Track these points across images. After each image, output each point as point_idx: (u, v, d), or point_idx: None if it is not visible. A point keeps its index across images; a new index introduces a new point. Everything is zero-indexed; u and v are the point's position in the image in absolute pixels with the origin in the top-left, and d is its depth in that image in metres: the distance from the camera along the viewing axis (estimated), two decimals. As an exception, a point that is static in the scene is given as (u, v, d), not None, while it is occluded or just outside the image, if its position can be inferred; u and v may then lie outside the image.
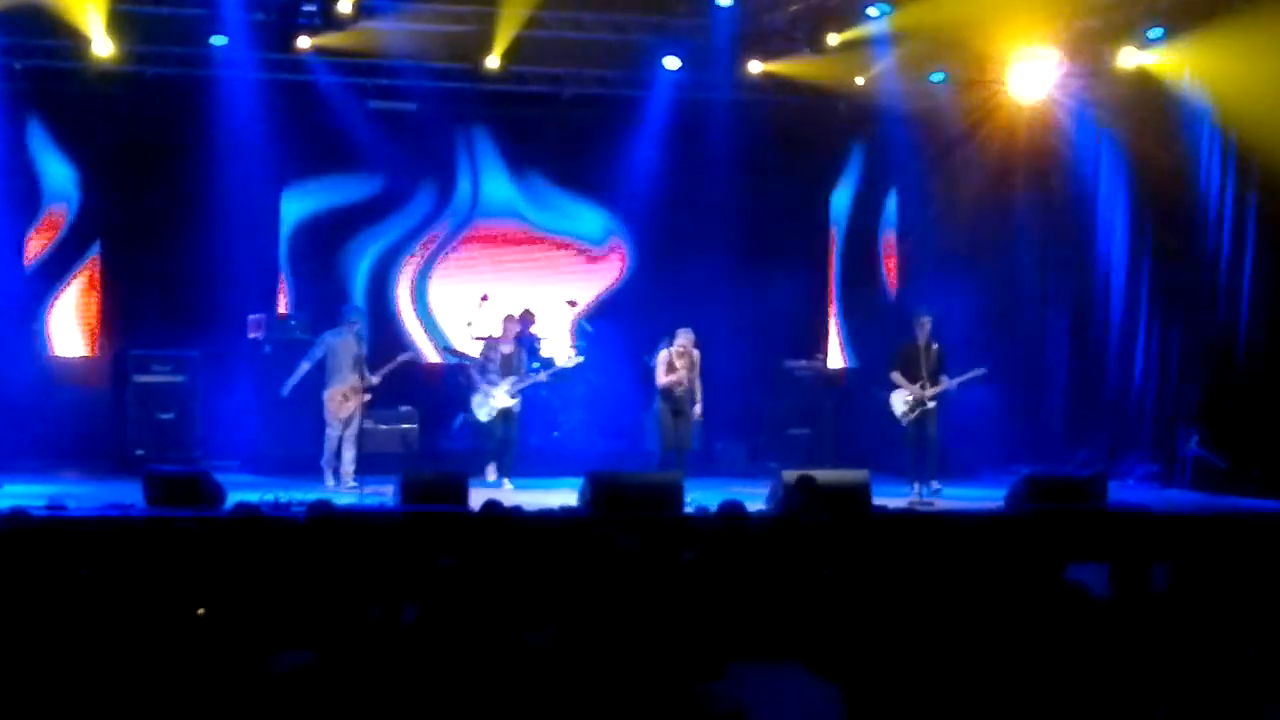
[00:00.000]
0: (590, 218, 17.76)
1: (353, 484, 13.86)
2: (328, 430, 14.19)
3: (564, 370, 15.64)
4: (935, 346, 14.24)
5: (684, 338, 13.92)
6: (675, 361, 13.90)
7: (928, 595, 6.78)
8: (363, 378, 14.20)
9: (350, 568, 7.26)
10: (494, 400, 14.55)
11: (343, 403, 14.15)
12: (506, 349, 14.73)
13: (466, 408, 15.02)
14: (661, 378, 13.88)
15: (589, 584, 6.58)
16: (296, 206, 16.93)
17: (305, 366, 14.33)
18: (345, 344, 14.20)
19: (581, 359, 16.16)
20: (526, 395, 15.16)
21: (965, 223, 17.43)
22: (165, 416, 15.26)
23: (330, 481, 14.03)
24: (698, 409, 13.95)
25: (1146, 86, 15.66)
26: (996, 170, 17.24)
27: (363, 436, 14.51)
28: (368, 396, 14.26)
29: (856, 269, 18.45)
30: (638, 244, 17.78)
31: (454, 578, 6.04)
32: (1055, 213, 17.38)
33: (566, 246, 17.79)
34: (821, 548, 7.85)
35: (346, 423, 14.15)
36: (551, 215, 17.69)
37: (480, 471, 14.19)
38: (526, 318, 15.95)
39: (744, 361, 16.64)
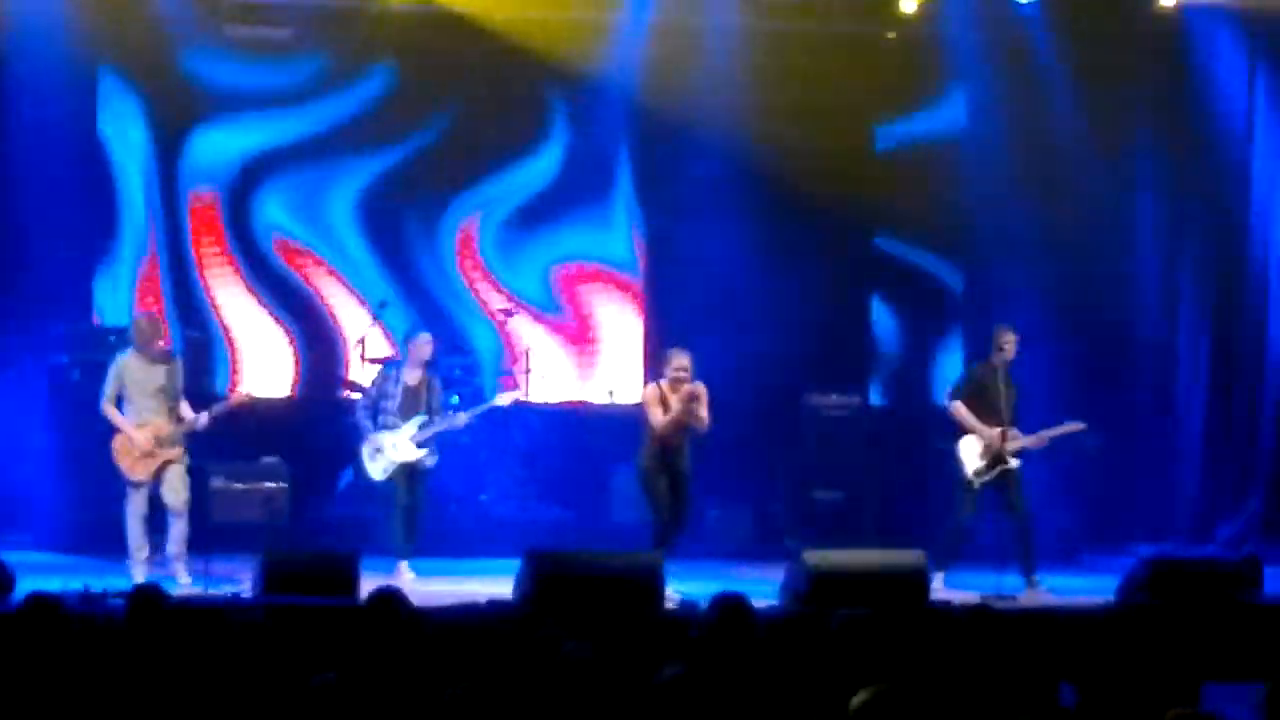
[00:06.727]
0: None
1: (187, 579, 13.29)
2: (129, 496, 13.54)
3: (496, 410, 15.59)
4: (1013, 382, 14.07)
5: (679, 361, 13.82)
6: (668, 397, 13.84)
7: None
8: (177, 417, 13.57)
9: (187, 685, 7.23)
10: (391, 451, 14.42)
11: (134, 456, 13.44)
12: (412, 378, 14.60)
13: (358, 460, 14.86)
14: (657, 419, 13.76)
15: (526, 711, 6.56)
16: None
17: (107, 408, 13.53)
18: (142, 364, 13.59)
19: (508, 399, 15.73)
20: (442, 444, 15.13)
21: (1043, 184, 17.17)
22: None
23: (139, 574, 13.23)
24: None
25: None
26: (1103, 104, 17.20)
27: (206, 501, 14.39)
28: (175, 451, 13.50)
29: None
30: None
31: (332, 701, 6.02)
32: (1188, 172, 17.34)
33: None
34: (860, 660, 7.84)
35: (157, 485, 13.49)
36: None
37: (380, 551, 14.02)
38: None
39: (748, 394, 16.62)
